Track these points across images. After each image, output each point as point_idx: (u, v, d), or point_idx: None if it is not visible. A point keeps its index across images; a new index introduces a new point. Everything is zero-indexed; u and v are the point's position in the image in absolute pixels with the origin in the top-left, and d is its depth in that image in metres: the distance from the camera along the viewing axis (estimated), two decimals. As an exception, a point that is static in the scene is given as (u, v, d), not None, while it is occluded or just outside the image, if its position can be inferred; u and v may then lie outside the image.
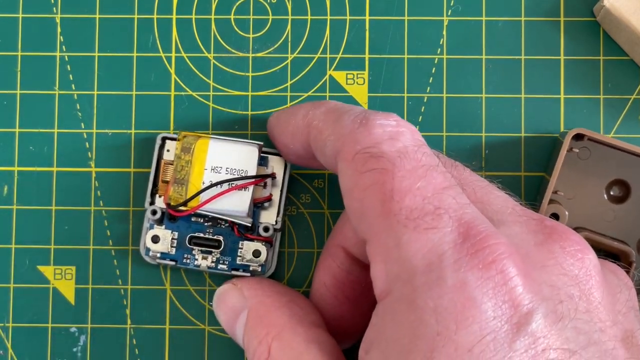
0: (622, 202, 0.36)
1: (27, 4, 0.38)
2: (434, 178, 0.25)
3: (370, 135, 0.27)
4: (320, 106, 0.31)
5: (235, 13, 0.38)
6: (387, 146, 0.26)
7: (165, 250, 0.33)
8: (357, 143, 0.27)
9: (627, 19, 0.35)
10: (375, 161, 0.26)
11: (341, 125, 0.28)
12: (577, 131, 0.34)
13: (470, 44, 0.38)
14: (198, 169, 0.32)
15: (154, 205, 0.34)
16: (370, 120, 0.27)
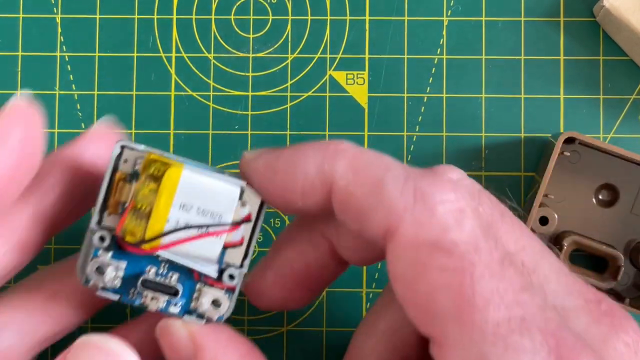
0: (611, 206, 0.36)
1: (27, 4, 0.38)
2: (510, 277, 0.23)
3: (433, 218, 0.23)
4: (336, 156, 0.24)
5: (235, 13, 0.38)
6: (457, 234, 0.23)
7: (109, 284, 0.27)
8: (419, 227, 0.23)
9: (627, 19, 0.35)
10: (447, 257, 0.22)
11: (388, 197, 0.23)
12: (568, 135, 0.34)
13: (470, 44, 0.38)
14: (164, 204, 0.26)
15: (102, 230, 0.27)
16: (428, 196, 0.23)
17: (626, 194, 0.36)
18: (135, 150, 0.27)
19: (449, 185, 0.23)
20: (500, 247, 0.23)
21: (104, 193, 0.27)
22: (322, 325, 0.37)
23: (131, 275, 0.28)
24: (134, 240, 0.26)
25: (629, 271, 0.36)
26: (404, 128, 0.37)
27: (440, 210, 0.23)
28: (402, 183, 0.23)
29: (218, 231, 0.27)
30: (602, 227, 0.36)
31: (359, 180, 0.24)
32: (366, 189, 0.24)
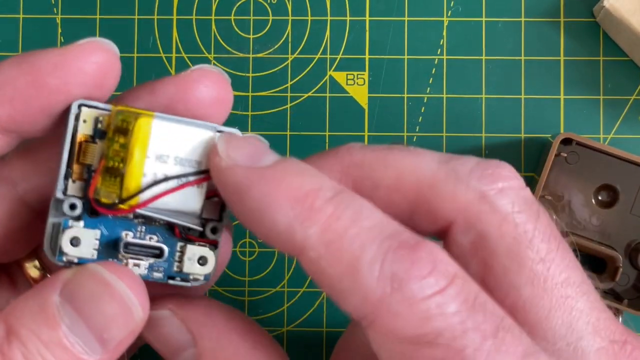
0: (610, 207, 0.36)
1: (27, 5, 0.38)
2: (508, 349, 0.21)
3: (412, 308, 0.21)
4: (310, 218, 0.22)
5: (235, 14, 0.38)
6: (440, 321, 0.20)
7: (87, 255, 0.25)
8: (398, 320, 0.21)
9: (627, 19, 0.35)
10: (432, 349, 0.20)
11: (363, 283, 0.21)
12: (565, 135, 0.34)
13: (470, 44, 0.38)
14: (139, 157, 0.24)
15: (70, 197, 0.25)
16: (405, 283, 0.21)
17: (626, 194, 0.36)
18: (96, 109, 0.25)
19: (428, 266, 0.21)
20: (490, 316, 0.21)
21: (66, 158, 0.25)
22: (322, 325, 0.37)
23: (107, 243, 0.25)
24: (110, 201, 0.24)
25: (629, 272, 0.36)
26: (404, 128, 0.37)
27: (418, 299, 0.21)
28: (379, 267, 0.21)
29: (199, 179, 0.25)
30: (602, 228, 0.36)
31: (332, 256, 0.21)
32: (339, 269, 0.21)
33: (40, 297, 0.23)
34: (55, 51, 0.24)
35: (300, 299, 0.37)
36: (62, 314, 0.23)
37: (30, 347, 0.23)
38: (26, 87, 0.24)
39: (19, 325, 0.23)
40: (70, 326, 0.23)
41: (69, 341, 0.23)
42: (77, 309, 0.23)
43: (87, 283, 0.24)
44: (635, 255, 0.35)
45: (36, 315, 0.23)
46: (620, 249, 0.36)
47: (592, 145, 0.34)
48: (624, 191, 0.36)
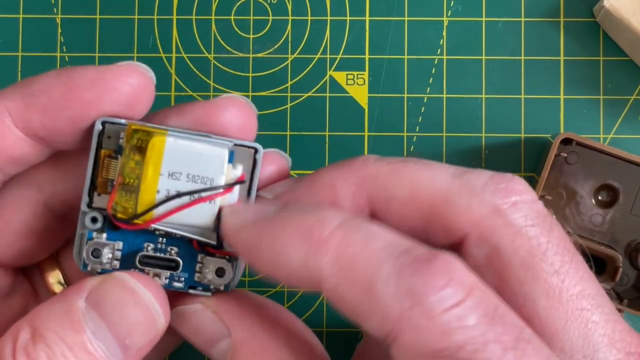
0: (610, 206, 0.36)
1: (27, 5, 0.38)
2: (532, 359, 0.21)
3: (432, 322, 0.20)
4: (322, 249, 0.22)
5: (235, 14, 0.38)
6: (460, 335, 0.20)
7: (107, 266, 0.26)
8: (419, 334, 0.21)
9: (627, 19, 0.35)
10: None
11: (381, 301, 0.21)
12: (565, 136, 0.34)
13: (470, 44, 0.38)
14: (152, 174, 0.25)
15: (93, 211, 0.26)
16: (423, 297, 0.21)
17: (626, 194, 0.36)
18: (117, 125, 0.26)
19: (445, 278, 0.21)
20: (510, 327, 0.21)
21: (91, 172, 0.26)
22: (323, 325, 0.37)
23: (129, 254, 0.27)
24: (126, 216, 0.25)
25: (629, 272, 0.36)
26: (404, 128, 0.37)
27: (438, 312, 0.21)
28: (395, 283, 0.21)
29: (211, 196, 0.26)
30: (602, 228, 0.36)
31: (348, 281, 0.22)
32: (357, 292, 0.21)
33: (66, 302, 0.24)
34: (93, 68, 0.26)
35: (300, 299, 0.37)
36: (87, 319, 0.24)
37: (54, 349, 0.24)
38: (60, 97, 0.25)
39: (45, 329, 0.24)
40: (95, 331, 0.24)
41: (92, 345, 0.24)
42: (102, 315, 0.24)
43: (114, 290, 0.25)
44: (635, 256, 0.35)
45: (62, 319, 0.24)
46: (620, 249, 0.36)
47: (592, 145, 0.34)
48: (624, 191, 0.36)
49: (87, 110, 0.25)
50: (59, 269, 0.30)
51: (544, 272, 0.23)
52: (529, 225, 0.23)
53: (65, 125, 0.26)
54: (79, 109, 0.25)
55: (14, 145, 0.26)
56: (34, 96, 0.25)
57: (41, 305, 0.25)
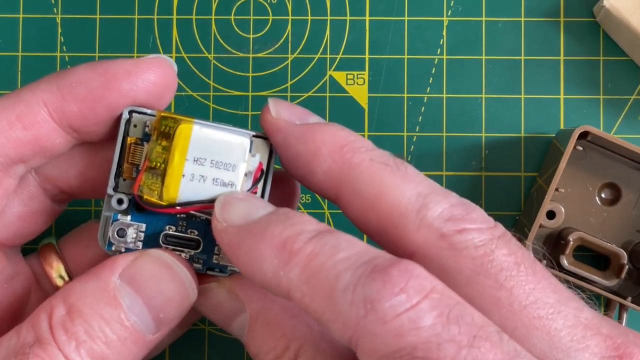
0: (613, 205, 0.36)
1: (27, 5, 0.38)
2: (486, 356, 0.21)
3: (386, 327, 0.22)
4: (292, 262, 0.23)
5: (235, 13, 0.38)
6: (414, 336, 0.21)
7: (131, 246, 0.28)
8: (375, 339, 0.22)
9: (627, 19, 0.35)
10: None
11: (340, 310, 0.22)
12: (584, 129, 0.34)
13: (470, 44, 0.38)
14: (179, 159, 0.27)
15: (119, 193, 0.28)
16: (377, 303, 0.22)
17: (629, 194, 0.36)
18: (145, 114, 0.28)
19: (400, 284, 0.22)
20: (466, 327, 0.22)
21: (117, 158, 0.28)
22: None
23: (152, 235, 0.28)
24: (153, 198, 0.27)
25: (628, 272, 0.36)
26: (404, 128, 0.37)
27: (391, 317, 0.22)
28: (352, 292, 0.22)
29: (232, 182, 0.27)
30: (604, 226, 0.36)
31: (312, 291, 0.23)
32: (320, 302, 0.23)
33: (100, 279, 0.26)
34: (128, 61, 0.28)
35: None
36: (122, 294, 0.26)
37: (92, 323, 0.25)
38: (99, 87, 0.27)
39: (81, 305, 0.25)
40: (130, 306, 0.26)
41: (129, 320, 0.26)
42: (137, 290, 0.26)
43: (150, 266, 0.27)
44: (636, 256, 0.35)
45: (97, 295, 0.26)
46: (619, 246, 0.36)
47: (607, 139, 0.34)
48: (627, 190, 0.36)
49: (124, 100, 0.27)
50: (62, 262, 0.31)
51: (488, 287, 0.24)
52: (473, 247, 0.24)
53: (103, 114, 0.27)
54: (116, 99, 0.27)
55: (47, 136, 0.27)
56: (71, 87, 0.27)
57: (73, 282, 0.26)
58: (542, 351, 0.24)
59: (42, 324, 0.25)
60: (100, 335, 0.25)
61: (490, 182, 0.37)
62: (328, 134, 0.26)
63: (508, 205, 0.37)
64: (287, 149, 0.27)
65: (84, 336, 0.25)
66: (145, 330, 0.26)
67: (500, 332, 0.22)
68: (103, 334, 0.25)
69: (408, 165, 0.26)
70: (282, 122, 0.27)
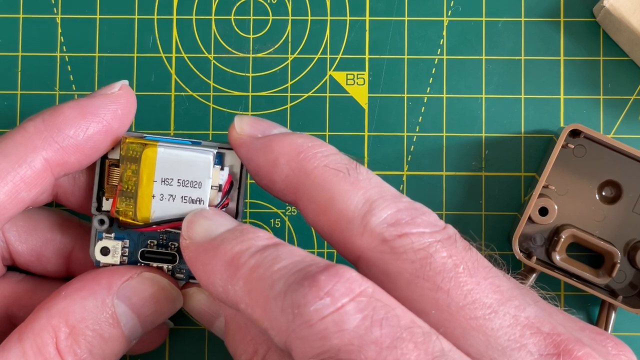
0: (613, 203, 0.36)
1: (27, 5, 0.38)
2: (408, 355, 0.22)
3: (311, 330, 0.22)
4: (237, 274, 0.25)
5: (235, 13, 0.38)
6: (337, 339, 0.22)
7: (116, 262, 0.30)
8: (303, 343, 0.23)
9: (627, 19, 0.35)
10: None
11: (274, 318, 0.23)
12: (574, 127, 0.34)
13: (470, 44, 0.38)
14: (146, 182, 0.29)
15: (101, 214, 0.30)
16: (302, 308, 0.23)
17: (630, 192, 0.36)
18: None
19: (326, 288, 0.23)
20: (390, 329, 0.22)
21: (98, 180, 0.30)
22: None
23: (134, 251, 0.30)
24: (127, 219, 0.29)
25: (626, 270, 0.36)
26: (404, 128, 0.37)
27: (315, 320, 0.23)
28: (282, 300, 0.23)
29: (200, 198, 0.29)
30: (603, 224, 0.36)
31: (253, 302, 0.24)
32: (259, 311, 0.24)
33: (97, 299, 0.28)
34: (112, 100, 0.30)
35: None
36: (120, 314, 0.28)
37: (95, 344, 0.27)
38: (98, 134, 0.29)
39: (84, 327, 0.27)
40: (126, 323, 0.28)
41: (125, 336, 0.28)
42: (134, 310, 0.28)
43: (147, 288, 0.29)
44: (634, 254, 0.35)
45: (98, 316, 0.28)
46: (620, 246, 0.36)
47: (599, 138, 0.34)
48: (628, 189, 0.36)
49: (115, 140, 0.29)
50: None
51: (427, 290, 0.25)
52: (412, 251, 0.25)
53: (95, 157, 0.29)
54: (111, 143, 0.29)
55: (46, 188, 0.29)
56: (70, 140, 0.28)
57: (68, 300, 0.28)
58: (478, 351, 0.24)
59: (49, 349, 0.27)
60: (100, 352, 0.28)
61: (490, 182, 0.37)
62: (285, 143, 0.27)
63: (508, 205, 0.37)
64: (250, 162, 0.28)
65: (89, 358, 0.27)
66: (133, 338, 0.29)
67: (429, 333, 0.23)
68: (103, 351, 0.28)
69: (362, 170, 0.27)
70: (245, 137, 0.28)
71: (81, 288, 0.28)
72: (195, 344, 0.37)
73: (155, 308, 0.29)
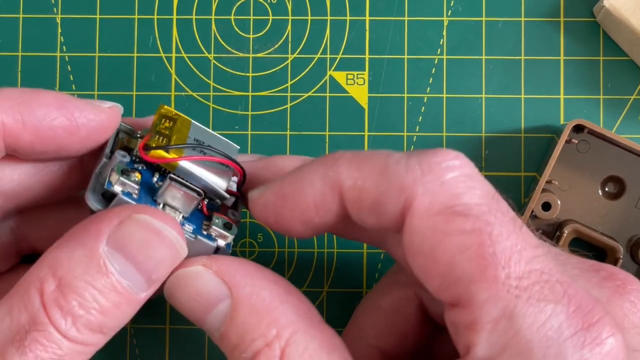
0: (616, 199, 0.36)
1: (27, 5, 0.38)
2: (525, 235, 0.24)
3: (444, 184, 0.24)
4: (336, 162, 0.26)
5: (235, 13, 0.38)
6: (470, 197, 0.24)
7: (132, 190, 0.27)
8: (433, 195, 0.24)
9: (627, 19, 0.35)
10: (463, 221, 0.23)
11: (396, 176, 0.24)
12: (577, 122, 0.34)
13: (470, 44, 0.38)
14: (184, 129, 0.29)
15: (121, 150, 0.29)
16: (433, 165, 0.24)
17: (633, 188, 0.36)
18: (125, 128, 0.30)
19: (452, 154, 0.25)
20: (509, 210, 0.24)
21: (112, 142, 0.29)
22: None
23: (146, 187, 0.28)
24: (159, 143, 0.28)
25: (629, 266, 0.36)
26: (404, 128, 0.37)
27: (448, 177, 0.24)
28: (405, 161, 0.24)
29: (228, 161, 0.29)
30: (606, 220, 0.36)
31: (364, 173, 0.25)
32: (373, 178, 0.25)
33: (86, 247, 0.25)
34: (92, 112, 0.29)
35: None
36: (112, 261, 0.25)
37: (85, 295, 0.25)
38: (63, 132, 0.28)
39: (71, 277, 0.25)
40: (121, 271, 0.26)
41: (121, 285, 0.26)
42: (127, 256, 0.26)
43: (138, 232, 0.26)
44: (636, 250, 0.35)
45: (87, 265, 0.25)
46: (623, 242, 0.36)
47: (603, 134, 0.34)
48: (631, 185, 0.36)
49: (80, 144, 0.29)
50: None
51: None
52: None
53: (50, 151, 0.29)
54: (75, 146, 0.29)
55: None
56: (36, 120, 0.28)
57: (56, 251, 0.26)
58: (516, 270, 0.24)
59: (34, 302, 0.25)
60: (95, 305, 0.25)
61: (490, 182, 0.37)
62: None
63: (508, 205, 0.37)
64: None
65: (79, 310, 0.25)
66: (138, 291, 0.26)
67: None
68: (98, 303, 0.25)
69: None
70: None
71: (70, 238, 0.26)
72: (195, 343, 0.37)
73: (149, 253, 0.26)
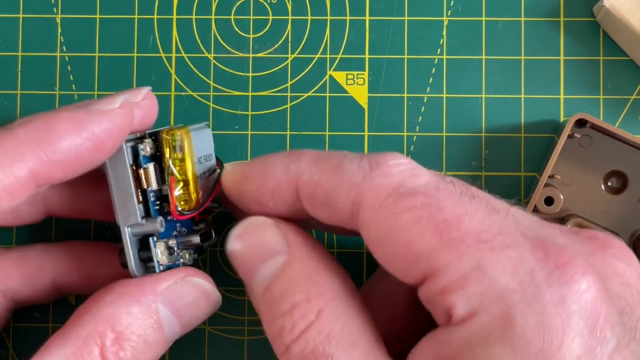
0: (619, 193, 0.36)
1: (27, 5, 0.38)
2: (477, 204, 0.25)
3: (390, 176, 0.26)
4: (300, 157, 0.28)
5: (235, 13, 0.38)
6: (415, 182, 0.26)
7: (173, 260, 0.30)
8: (379, 187, 0.26)
9: (627, 19, 0.35)
10: (411, 199, 0.25)
11: (349, 173, 0.26)
12: (580, 116, 0.34)
13: (470, 44, 0.38)
14: (192, 167, 0.30)
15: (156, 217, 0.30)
16: (381, 163, 0.26)
17: (636, 182, 0.36)
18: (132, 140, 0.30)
19: (401, 155, 0.27)
20: (460, 187, 0.26)
21: (135, 189, 0.29)
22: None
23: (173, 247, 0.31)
24: (187, 207, 0.30)
25: None
26: (404, 128, 0.37)
27: (395, 171, 0.26)
28: (358, 160, 0.27)
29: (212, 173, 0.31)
30: (608, 214, 0.36)
31: (320, 169, 0.27)
32: (328, 175, 0.27)
33: (143, 305, 0.28)
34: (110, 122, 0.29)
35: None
36: (163, 319, 0.29)
37: (139, 348, 0.28)
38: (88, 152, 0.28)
39: (129, 333, 0.28)
40: (168, 327, 0.29)
41: (167, 339, 0.29)
42: (176, 314, 0.29)
43: (191, 293, 0.30)
44: (639, 244, 0.35)
45: (144, 323, 0.28)
46: (625, 236, 0.36)
47: (606, 128, 0.34)
48: (634, 179, 0.36)
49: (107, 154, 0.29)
50: None
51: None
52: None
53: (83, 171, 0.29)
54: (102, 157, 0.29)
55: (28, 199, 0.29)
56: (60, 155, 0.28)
57: (113, 307, 0.28)
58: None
59: (93, 354, 0.27)
60: (143, 356, 0.28)
61: (490, 182, 0.37)
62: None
63: (508, 205, 0.37)
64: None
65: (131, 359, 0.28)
66: (174, 338, 0.30)
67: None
68: (145, 355, 0.28)
69: None
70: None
71: (126, 294, 0.28)
72: (195, 344, 0.37)
73: (196, 312, 0.30)
